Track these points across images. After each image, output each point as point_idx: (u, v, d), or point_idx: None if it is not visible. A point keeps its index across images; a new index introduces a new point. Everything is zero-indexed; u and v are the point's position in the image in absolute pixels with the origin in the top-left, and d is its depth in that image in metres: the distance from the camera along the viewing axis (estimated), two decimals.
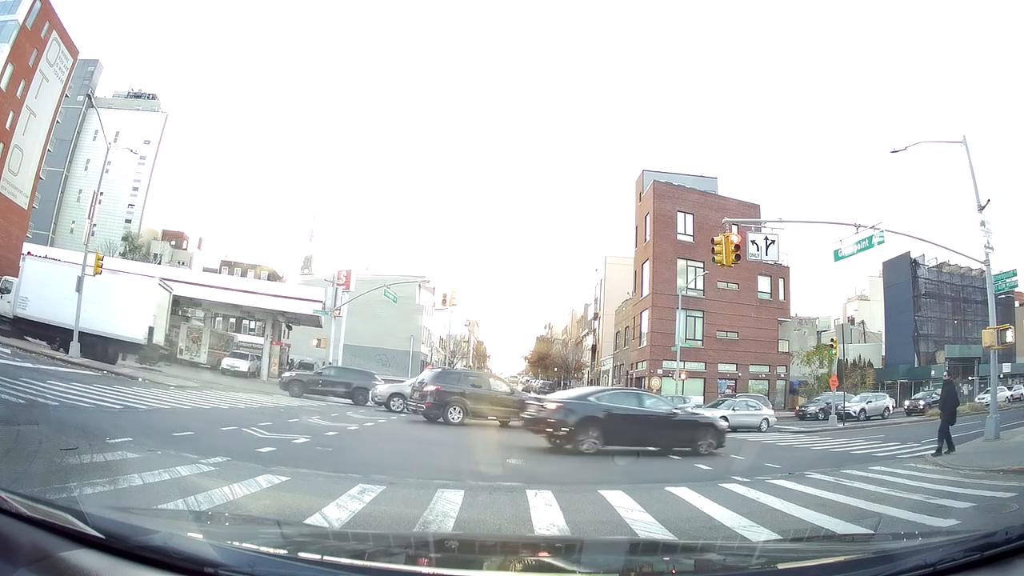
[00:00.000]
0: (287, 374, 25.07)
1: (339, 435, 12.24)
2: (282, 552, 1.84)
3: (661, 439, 12.60)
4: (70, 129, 78.75)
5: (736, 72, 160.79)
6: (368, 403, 22.68)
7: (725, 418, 19.55)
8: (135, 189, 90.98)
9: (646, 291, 43.04)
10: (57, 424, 8.01)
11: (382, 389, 22.48)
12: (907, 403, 37.74)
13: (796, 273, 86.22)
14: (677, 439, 12.78)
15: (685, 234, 42.32)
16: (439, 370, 23.34)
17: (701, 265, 39.41)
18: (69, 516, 1.57)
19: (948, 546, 2.02)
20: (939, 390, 38.96)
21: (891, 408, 34.14)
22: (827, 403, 33.21)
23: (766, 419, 22.90)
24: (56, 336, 22.70)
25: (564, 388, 62.46)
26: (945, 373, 17.16)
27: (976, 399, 38.09)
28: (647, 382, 39.69)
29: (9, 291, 22.70)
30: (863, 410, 32.92)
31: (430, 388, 17.44)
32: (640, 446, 12.27)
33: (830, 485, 8.93)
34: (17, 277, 23.65)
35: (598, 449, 11.51)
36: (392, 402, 21.23)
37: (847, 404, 33.72)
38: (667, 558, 2.76)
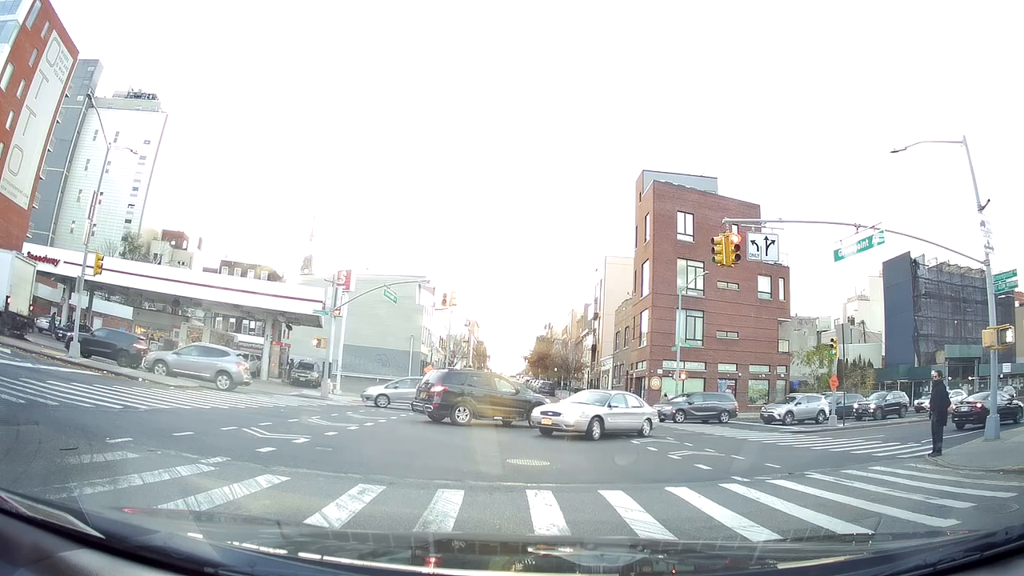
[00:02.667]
0: (73, 333, 25.64)
1: (339, 435, 12.24)
2: (282, 552, 1.84)
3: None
4: (70, 129, 78.79)
5: (736, 72, 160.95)
6: (139, 366, 23.07)
7: (600, 418, 15.40)
8: (135, 189, 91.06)
9: (646, 291, 43.04)
10: (57, 424, 8.02)
11: (151, 356, 23.36)
12: (856, 405, 32.92)
13: (796, 273, 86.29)
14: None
15: (685, 234, 42.34)
16: (445, 371, 23.39)
17: (701, 265, 39.43)
18: (69, 516, 1.57)
19: (948, 546, 2.01)
20: (896, 393, 36.87)
21: (827, 411, 29.81)
22: (690, 403, 29.76)
23: (648, 419, 17.82)
24: None
25: (565, 388, 62.50)
26: (934, 373, 16.93)
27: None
28: (647, 382, 39.72)
29: None
30: (790, 412, 29.14)
31: (437, 389, 17.44)
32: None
33: (830, 485, 8.92)
34: None
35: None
36: (156, 367, 22.06)
37: (771, 408, 30.79)
38: (667, 558, 2.75)
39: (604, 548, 3.15)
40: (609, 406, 16.34)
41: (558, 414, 15.46)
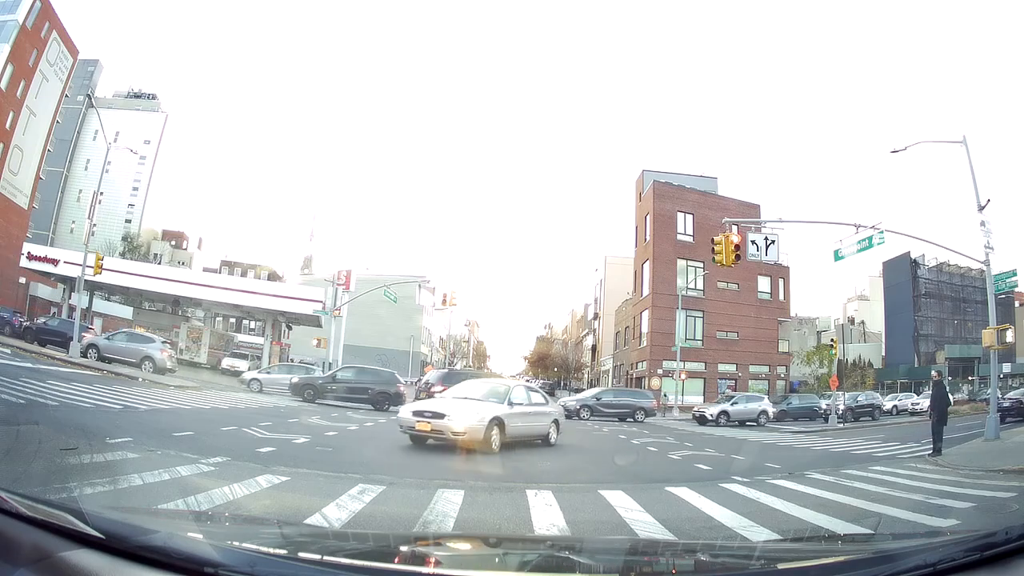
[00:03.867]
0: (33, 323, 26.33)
1: (339, 435, 12.23)
2: (282, 552, 1.84)
3: None
4: (70, 129, 78.75)
5: (736, 72, 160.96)
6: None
7: (500, 420, 10.85)
8: (135, 189, 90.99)
9: (646, 291, 43.06)
10: (57, 424, 8.01)
11: (85, 341, 23.61)
12: (824, 407, 29.69)
13: (796, 273, 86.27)
14: None
15: (685, 234, 42.35)
16: (445, 371, 23.44)
17: (701, 265, 39.44)
18: (69, 516, 1.57)
19: (948, 546, 2.02)
20: (869, 393, 35.36)
21: (770, 413, 28.24)
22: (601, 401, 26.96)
23: (555, 421, 13.33)
24: None
25: (565, 388, 62.50)
26: (934, 373, 16.88)
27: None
28: (647, 382, 39.71)
29: None
30: (724, 413, 27.05)
31: (437, 389, 17.46)
32: None
33: (830, 485, 8.92)
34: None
35: None
36: (89, 351, 22.51)
37: (704, 408, 28.98)
38: (667, 558, 2.75)
39: (604, 548, 3.15)
40: (510, 403, 11.52)
41: (441, 415, 10.45)
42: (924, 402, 34.44)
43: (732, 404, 28.33)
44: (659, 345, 39.43)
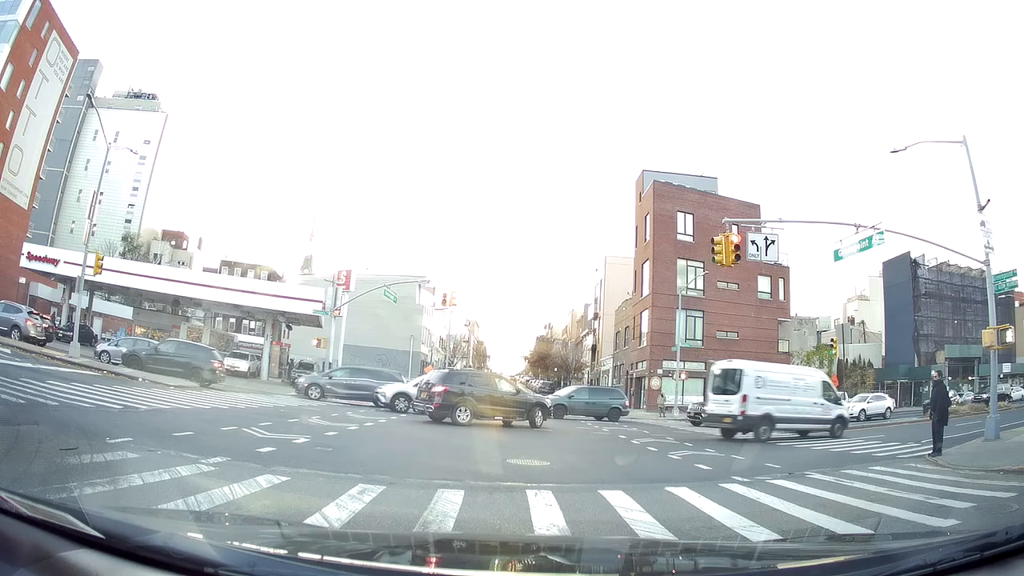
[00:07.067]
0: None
1: (339, 435, 12.23)
2: (282, 552, 1.84)
3: None
4: (70, 129, 78.83)
5: (736, 72, 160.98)
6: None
7: None
8: (135, 189, 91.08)
9: (646, 291, 43.05)
10: (57, 424, 8.02)
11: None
12: (690, 408, 26.31)
13: (796, 273, 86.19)
14: None
15: (685, 234, 42.34)
16: (446, 371, 23.34)
17: (701, 265, 39.42)
18: (69, 516, 1.57)
19: (948, 546, 2.01)
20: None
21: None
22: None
23: None
24: None
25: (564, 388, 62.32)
26: (934, 373, 16.88)
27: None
28: (647, 382, 39.73)
29: None
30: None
31: (438, 389, 17.45)
32: None
33: (830, 485, 8.91)
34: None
35: None
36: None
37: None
38: (667, 558, 2.75)
39: (604, 548, 3.15)
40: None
41: None
42: (857, 406, 31.38)
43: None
44: (659, 345, 39.42)
